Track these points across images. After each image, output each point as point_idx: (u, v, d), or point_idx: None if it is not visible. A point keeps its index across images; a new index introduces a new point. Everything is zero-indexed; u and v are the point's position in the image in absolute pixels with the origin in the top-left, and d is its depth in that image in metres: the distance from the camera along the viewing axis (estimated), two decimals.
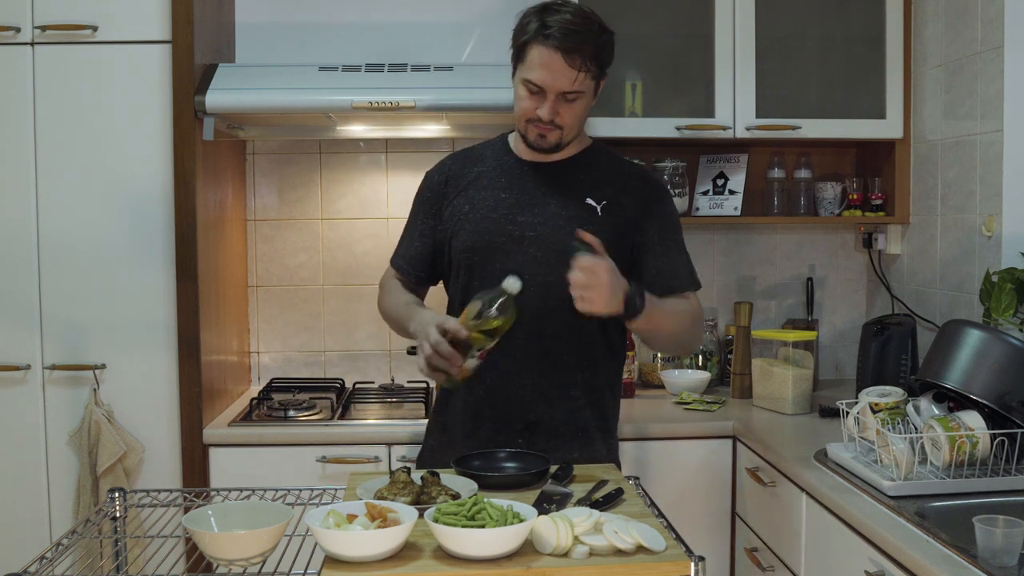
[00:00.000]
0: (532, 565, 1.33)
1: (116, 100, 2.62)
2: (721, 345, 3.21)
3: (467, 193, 2.08)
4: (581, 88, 1.93)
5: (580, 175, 2.06)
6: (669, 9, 3.06)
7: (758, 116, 2.92)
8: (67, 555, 1.48)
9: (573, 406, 2.04)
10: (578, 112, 1.98)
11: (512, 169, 2.08)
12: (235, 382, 3.04)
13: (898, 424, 2.06)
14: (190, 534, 1.43)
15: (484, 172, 2.09)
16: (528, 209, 2.03)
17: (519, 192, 2.05)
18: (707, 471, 2.68)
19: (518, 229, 2.02)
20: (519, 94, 1.97)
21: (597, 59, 1.94)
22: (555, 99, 1.93)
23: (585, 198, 2.03)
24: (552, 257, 1.98)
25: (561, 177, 2.06)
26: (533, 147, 2.02)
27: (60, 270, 2.63)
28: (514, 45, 1.97)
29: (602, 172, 2.08)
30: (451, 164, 2.15)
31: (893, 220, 3.01)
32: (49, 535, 2.63)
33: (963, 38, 2.64)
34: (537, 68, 1.91)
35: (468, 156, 2.16)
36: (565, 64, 1.89)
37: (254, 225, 3.21)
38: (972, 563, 1.53)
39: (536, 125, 1.97)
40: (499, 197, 2.05)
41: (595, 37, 1.93)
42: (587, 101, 1.98)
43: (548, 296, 1.97)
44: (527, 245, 2.01)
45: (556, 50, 1.88)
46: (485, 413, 2.04)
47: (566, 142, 2.02)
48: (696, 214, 3.11)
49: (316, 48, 3.13)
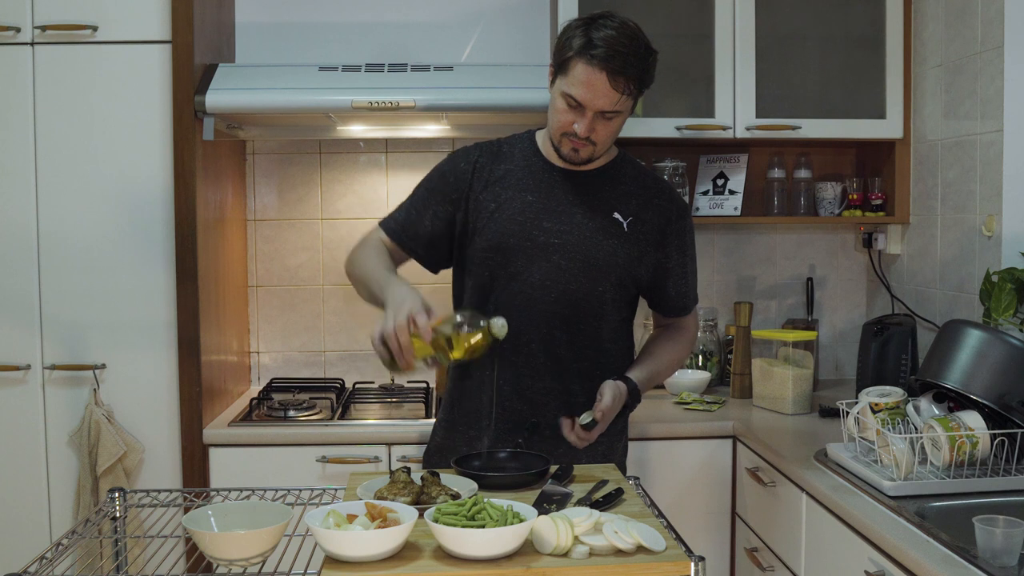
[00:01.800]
0: (532, 565, 1.33)
1: (116, 100, 2.62)
2: (721, 345, 3.21)
3: (493, 190, 2.05)
4: (621, 108, 1.91)
5: (607, 187, 2.06)
6: (669, 9, 3.06)
7: (758, 116, 2.92)
8: (67, 555, 1.48)
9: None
10: (614, 130, 1.97)
11: (540, 172, 2.06)
12: (235, 382, 3.04)
13: (898, 424, 2.06)
14: (190, 534, 1.43)
15: (512, 171, 2.06)
16: (555, 216, 2.02)
17: (547, 197, 2.03)
18: (707, 471, 2.68)
19: (543, 235, 2.01)
20: (558, 106, 1.94)
21: (640, 81, 1.91)
22: (593, 117, 1.91)
23: (612, 212, 2.03)
24: (575, 267, 2.00)
25: (589, 187, 2.05)
26: (566, 160, 2.01)
27: (60, 270, 2.63)
28: (557, 58, 1.93)
29: (628, 185, 2.08)
30: (479, 155, 2.09)
31: (893, 220, 3.01)
32: (49, 535, 2.63)
33: (963, 38, 2.64)
34: (579, 85, 1.87)
35: (497, 150, 2.11)
36: (609, 86, 1.86)
37: (254, 225, 3.21)
38: (972, 563, 1.53)
39: (571, 140, 1.95)
40: (526, 200, 2.03)
41: (641, 60, 1.89)
42: (624, 119, 1.97)
43: (567, 304, 2.00)
44: (551, 252, 2.01)
45: (602, 71, 1.85)
46: (495, 414, 2.04)
47: (597, 157, 2.01)
48: (696, 214, 3.11)
49: (316, 48, 3.13)
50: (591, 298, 2.03)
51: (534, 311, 2.01)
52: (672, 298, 2.15)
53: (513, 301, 2.01)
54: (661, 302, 2.17)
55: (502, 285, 2.03)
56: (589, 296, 2.03)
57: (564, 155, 2.00)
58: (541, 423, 2.03)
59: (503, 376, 2.03)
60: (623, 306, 2.11)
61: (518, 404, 2.04)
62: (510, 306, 1.99)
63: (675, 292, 2.14)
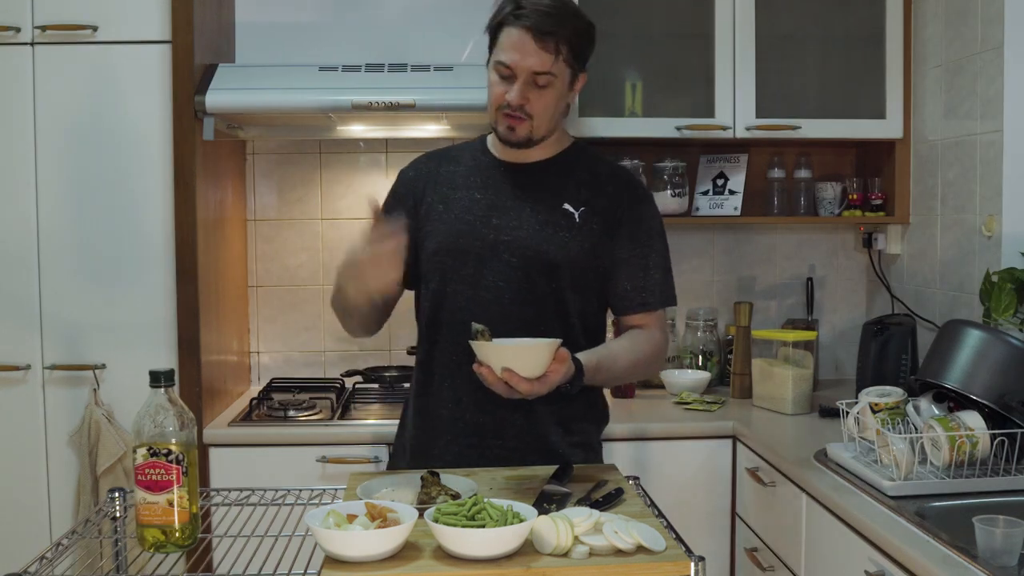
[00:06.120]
0: (532, 565, 1.33)
1: (116, 100, 2.62)
2: (721, 345, 3.21)
3: (441, 191, 1.98)
4: (552, 71, 1.84)
5: (557, 177, 1.97)
6: (669, 9, 3.06)
7: (758, 116, 2.92)
8: (67, 555, 1.48)
9: (540, 410, 1.94)
10: (549, 102, 1.88)
11: (487, 169, 1.99)
12: (235, 382, 3.04)
13: (898, 424, 2.06)
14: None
15: (458, 171, 2.00)
16: (503, 212, 1.94)
17: (494, 193, 1.95)
18: (707, 471, 2.68)
19: (493, 232, 1.92)
20: (490, 80, 1.89)
21: (571, 45, 1.85)
22: (524, 82, 1.85)
23: (562, 203, 1.94)
24: (527, 264, 1.91)
25: (538, 179, 1.96)
26: (504, 140, 1.92)
27: (60, 270, 2.63)
28: (489, 30, 1.90)
29: (581, 175, 1.98)
30: (426, 162, 2.06)
31: (893, 220, 3.01)
32: (49, 535, 2.63)
33: (963, 38, 2.64)
34: (508, 49, 1.83)
35: (444, 155, 2.06)
36: (536, 45, 1.82)
37: (254, 225, 3.21)
38: (972, 563, 1.53)
39: (506, 115, 1.87)
40: (473, 198, 1.96)
41: (570, 21, 1.85)
42: (559, 91, 1.88)
43: (526, 305, 1.91)
44: (502, 250, 1.91)
45: (527, 30, 1.82)
46: (464, 401, 1.94)
47: (537, 137, 1.92)
48: (696, 214, 3.11)
49: (316, 48, 3.12)
50: (550, 297, 1.92)
51: (491, 313, 1.85)
52: (626, 292, 1.97)
53: (468, 305, 1.91)
54: (613, 296, 1.99)
55: (455, 289, 1.94)
56: (547, 295, 1.92)
57: (501, 135, 1.91)
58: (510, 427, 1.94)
59: (463, 388, 1.92)
60: (590, 302, 1.98)
61: (478, 416, 1.94)
62: (466, 311, 1.88)
63: (630, 286, 1.96)
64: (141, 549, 1.49)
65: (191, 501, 1.48)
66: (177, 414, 1.47)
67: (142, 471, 1.45)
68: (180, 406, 1.49)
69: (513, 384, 1.66)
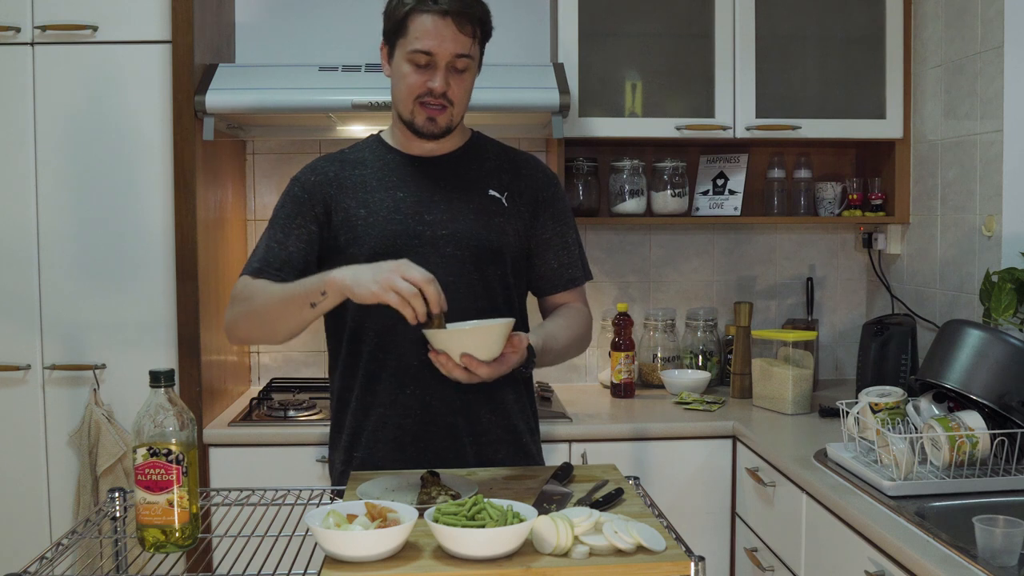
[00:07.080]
0: (532, 565, 1.33)
1: (116, 100, 2.62)
2: (721, 345, 3.21)
3: (357, 196, 1.90)
4: (471, 54, 1.84)
5: (474, 166, 1.95)
6: (669, 9, 3.06)
7: (758, 116, 2.93)
8: (67, 555, 1.48)
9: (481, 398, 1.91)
10: (468, 86, 1.86)
11: (400, 166, 1.93)
12: (235, 382, 3.04)
13: (898, 424, 2.06)
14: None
15: (368, 174, 1.92)
16: (432, 206, 1.89)
17: (416, 189, 1.90)
18: (707, 471, 2.68)
19: (428, 228, 1.87)
20: (403, 72, 1.83)
21: (483, 25, 1.85)
22: (446, 68, 1.82)
23: (487, 189, 1.92)
24: (471, 255, 1.88)
25: (455, 169, 1.94)
26: (421, 133, 1.87)
27: (60, 270, 2.63)
28: (390, 22, 1.84)
29: (494, 160, 1.97)
30: (326, 166, 1.95)
31: (893, 220, 3.01)
32: (49, 535, 2.63)
33: (963, 38, 2.64)
34: (426, 36, 1.79)
35: (343, 159, 1.97)
36: (456, 29, 1.80)
37: (254, 225, 3.20)
38: (972, 563, 1.53)
39: (426, 106, 1.83)
40: (396, 197, 1.89)
41: (478, 3, 1.84)
42: (474, 75, 1.87)
43: (476, 298, 1.87)
44: (442, 245, 1.87)
45: (445, 15, 1.79)
46: (408, 388, 1.89)
47: (455, 125, 1.89)
48: (696, 214, 3.11)
49: (316, 48, 3.13)
50: (498, 283, 1.91)
51: (448, 308, 1.72)
52: (555, 270, 1.98)
53: None
54: (545, 276, 1.99)
55: None
56: (496, 282, 1.90)
57: (420, 128, 1.86)
58: None
59: (411, 388, 1.87)
60: (522, 284, 1.99)
61: (450, 417, 1.89)
62: None
63: (557, 263, 1.98)
64: (141, 549, 1.49)
65: (191, 501, 1.48)
66: (177, 414, 1.47)
67: (142, 471, 1.45)
68: (180, 406, 1.49)
69: (472, 368, 1.64)
